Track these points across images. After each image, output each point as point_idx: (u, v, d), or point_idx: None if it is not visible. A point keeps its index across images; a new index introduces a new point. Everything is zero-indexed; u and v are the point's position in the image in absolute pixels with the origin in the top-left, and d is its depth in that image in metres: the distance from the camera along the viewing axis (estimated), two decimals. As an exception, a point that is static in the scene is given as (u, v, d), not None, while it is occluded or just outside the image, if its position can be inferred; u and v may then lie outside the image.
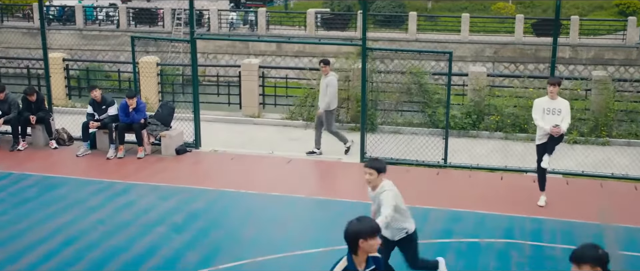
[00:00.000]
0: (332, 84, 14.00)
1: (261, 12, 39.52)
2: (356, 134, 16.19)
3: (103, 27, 41.32)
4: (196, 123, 14.54)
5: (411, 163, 13.73)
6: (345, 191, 12.38)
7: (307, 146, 15.38)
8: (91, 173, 13.20)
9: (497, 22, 41.07)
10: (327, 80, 14.02)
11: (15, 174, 13.11)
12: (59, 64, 18.77)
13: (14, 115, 14.51)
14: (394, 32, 39.89)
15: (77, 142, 14.98)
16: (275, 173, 13.21)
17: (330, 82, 14.01)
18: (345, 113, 17.03)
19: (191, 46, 14.13)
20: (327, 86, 13.95)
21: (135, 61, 14.71)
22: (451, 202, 11.66)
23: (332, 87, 14.00)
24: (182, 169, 13.48)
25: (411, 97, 16.81)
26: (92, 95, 14.15)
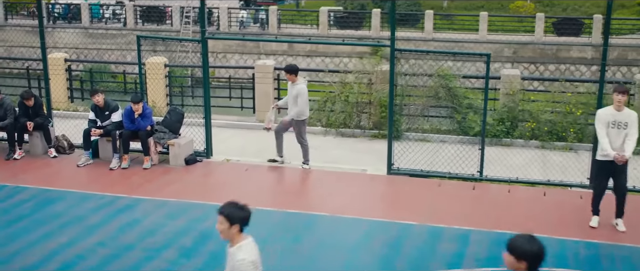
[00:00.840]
0: (302, 93, 12.54)
1: (272, 10, 38.34)
2: (379, 142, 15.05)
3: (109, 25, 40.25)
4: (207, 130, 13.36)
5: (443, 175, 12.51)
6: (371, 208, 11.16)
7: (327, 154, 14.20)
8: (92, 186, 12.03)
9: (516, 21, 39.78)
10: (297, 89, 12.51)
11: (9, 186, 11.95)
12: (61, 65, 17.61)
13: (10, 121, 13.36)
14: (410, 31, 38.62)
15: (78, 150, 13.82)
16: (295, 187, 12.02)
17: (301, 91, 12.53)
18: (367, 119, 15.82)
19: (202, 46, 12.94)
20: (297, 96, 12.50)
21: (141, 61, 13.51)
22: (493, 222, 10.42)
23: (302, 97, 12.54)
24: (192, 182, 12.29)
25: (439, 102, 15.57)
26: (94, 100, 12.97)
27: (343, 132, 15.57)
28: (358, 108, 15.73)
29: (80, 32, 39.55)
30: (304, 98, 12.55)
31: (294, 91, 12.57)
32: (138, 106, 12.70)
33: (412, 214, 10.68)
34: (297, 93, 12.49)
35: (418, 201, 11.33)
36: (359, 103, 15.69)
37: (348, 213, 10.74)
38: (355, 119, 15.76)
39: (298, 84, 12.54)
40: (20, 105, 13.47)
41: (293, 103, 12.57)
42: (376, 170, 12.93)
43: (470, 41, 36.28)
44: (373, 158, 13.93)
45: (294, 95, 12.52)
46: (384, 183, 12.28)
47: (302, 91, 12.53)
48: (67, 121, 15.17)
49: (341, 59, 37.11)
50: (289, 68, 12.69)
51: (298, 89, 12.52)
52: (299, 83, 12.57)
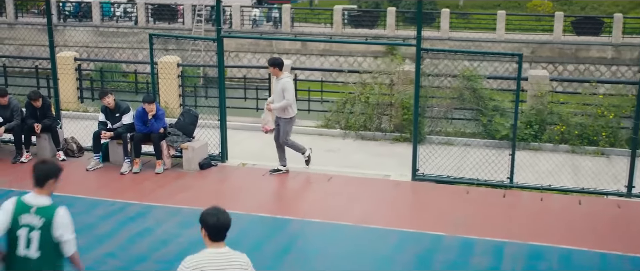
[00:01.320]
0: (287, 88, 11.68)
1: (286, 8, 37.73)
2: (401, 145, 14.43)
3: (120, 23, 39.74)
4: (223, 133, 12.75)
5: (471, 181, 11.85)
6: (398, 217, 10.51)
7: (347, 158, 13.58)
8: (102, 191, 11.44)
9: (533, 20, 39.01)
10: (282, 83, 11.66)
11: (15, 192, 11.31)
12: (70, 64, 17.04)
13: (17, 123, 12.80)
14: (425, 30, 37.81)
15: (87, 153, 13.25)
16: (315, 193, 11.39)
17: (286, 86, 11.67)
18: (388, 121, 15.16)
19: (218, 44, 12.33)
20: (282, 91, 11.69)
21: (153, 61, 12.92)
22: (527, 233, 9.76)
23: (289, 91, 11.70)
24: (207, 188, 11.68)
25: (463, 104, 14.89)
26: (105, 102, 12.37)
27: (363, 135, 14.94)
28: (379, 110, 15.08)
29: (91, 31, 39.08)
30: (290, 93, 11.73)
31: (278, 86, 11.79)
32: (151, 107, 12.11)
33: (442, 224, 10.04)
34: (283, 88, 11.68)
35: (446, 210, 10.68)
36: (380, 105, 15.04)
37: (373, 222, 10.10)
38: (376, 121, 15.12)
39: (283, 78, 11.74)
40: (28, 106, 12.91)
41: (279, 100, 11.81)
42: (400, 176, 12.28)
43: (487, 41, 35.56)
44: (396, 163, 13.29)
45: (279, 90, 11.74)
46: (409, 190, 11.63)
47: (287, 86, 11.70)
48: (76, 122, 14.60)
49: (355, 58, 36.46)
50: (272, 61, 11.84)
51: (283, 84, 11.69)
52: (284, 77, 11.78)
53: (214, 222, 5.26)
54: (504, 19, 36.10)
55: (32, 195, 6.11)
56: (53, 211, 6.13)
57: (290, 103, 11.73)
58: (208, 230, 5.26)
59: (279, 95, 11.73)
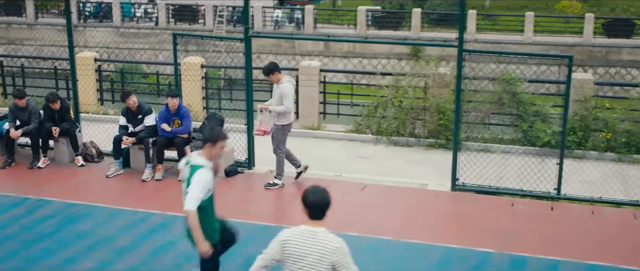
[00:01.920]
0: (286, 94, 10.87)
1: (308, 9, 37.03)
2: (436, 152, 13.68)
3: (141, 24, 39.22)
4: (250, 138, 12.06)
5: (515, 192, 11.07)
6: (440, 231, 9.75)
7: (380, 166, 12.86)
8: (123, 200, 10.79)
9: (562, 22, 38.01)
10: (281, 89, 10.88)
11: (31, 200, 10.76)
12: (90, 65, 16.44)
13: (34, 126, 12.19)
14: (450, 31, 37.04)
15: (107, 158, 12.62)
16: (349, 204, 10.65)
17: (285, 91, 10.86)
18: (422, 127, 14.40)
19: (245, 44, 11.65)
20: (280, 97, 10.92)
21: (177, 61, 12.26)
22: (581, 250, 8.99)
23: (287, 98, 10.90)
24: (234, 197, 10.99)
25: (502, 108, 14.11)
26: (128, 103, 11.73)
27: (396, 140, 14.20)
28: (412, 114, 14.33)
29: (112, 31, 38.61)
30: (289, 100, 10.93)
31: (277, 90, 10.97)
32: (175, 101, 11.46)
33: (488, 239, 9.29)
34: (281, 93, 10.88)
35: (492, 224, 9.91)
36: (414, 109, 14.29)
37: (414, 236, 9.37)
38: (409, 126, 14.37)
39: (283, 83, 10.94)
40: (46, 109, 12.30)
41: (277, 103, 11.01)
42: (438, 185, 11.54)
43: (515, 42, 34.63)
44: (432, 171, 12.55)
45: (278, 96, 10.95)
46: (450, 201, 10.87)
47: (286, 91, 10.89)
48: (96, 125, 13.99)
49: (379, 60, 35.68)
50: (267, 69, 10.96)
51: (282, 89, 10.88)
52: (284, 82, 10.97)
53: (313, 200, 5.33)
54: (533, 21, 35.17)
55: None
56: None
57: (289, 111, 10.97)
58: (308, 208, 5.34)
59: (277, 100, 10.98)
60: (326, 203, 5.31)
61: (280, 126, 11.07)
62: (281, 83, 10.94)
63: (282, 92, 10.88)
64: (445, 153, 13.69)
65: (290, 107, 10.94)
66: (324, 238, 5.24)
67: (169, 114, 11.60)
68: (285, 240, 5.30)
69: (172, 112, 11.58)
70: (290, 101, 10.93)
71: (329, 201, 5.33)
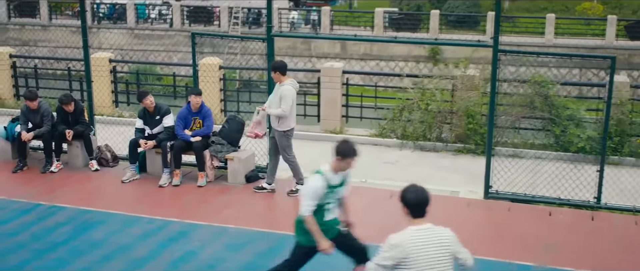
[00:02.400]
0: (286, 96, 10.14)
1: (325, 11, 36.49)
2: (465, 158, 13.09)
3: (155, 26, 38.81)
4: (271, 143, 11.51)
5: (551, 201, 10.47)
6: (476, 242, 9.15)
7: (407, 172, 12.27)
8: (139, 207, 10.27)
9: (583, 24, 37.29)
10: (281, 91, 10.21)
11: (44, 206, 10.26)
12: (105, 66, 15.96)
13: (47, 129, 11.71)
14: (469, 33, 36.47)
15: (122, 162, 12.12)
16: (378, 213, 10.08)
17: (284, 94, 10.15)
18: (449, 131, 13.82)
19: (268, 44, 11.12)
20: (280, 99, 10.25)
21: (195, 62, 11.74)
22: (629, 265, 8.39)
23: (286, 102, 10.16)
24: (255, 204, 10.45)
25: (533, 112, 13.50)
26: (145, 104, 11.23)
27: (422, 145, 13.61)
28: (439, 118, 13.75)
29: (126, 33, 38.23)
30: (288, 103, 10.20)
31: (277, 92, 10.32)
32: (198, 99, 10.96)
33: (527, 252, 8.70)
34: (281, 96, 10.22)
35: (530, 235, 9.32)
36: (441, 112, 13.71)
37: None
38: (436, 130, 13.79)
39: (284, 85, 10.27)
40: (59, 111, 11.82)
41: (276, 106, 10.36)
42: (470, 193, 10.95)
43: (535, 45, 33.92)
44: (461, 178, 11.97)
45: (276, 97, 10.31)
46: (484, 210, 10.28)
47: (286, 94, 10.19)
48: (110, 127, 13.48)
49: (397, 63, 35.09)
50: (274, 66, 10.36)
51: (282, 91, 10.21)
52: (286, 83, 10.30)
53: (413, 198, 5.39)
54: (554, 23, 34.49)
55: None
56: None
57: (286, 114, 10.27)
58: (409, 207, 5.38)
59: (277, 104, 10.36)
60: (428, 200, 5.39)
61: (281, 132, 10.46)
62: (282, 85, 10.31)
63: (281, 94, 10.25)
64: (473, 158, 13.11)
65: (286, 111, 10.24)
66: (438, 231, 5.31)
67: (190, 113, 11.10)
68: (400, 244, 5.21)
69: (194, 111, 11.08)
70: (288, 104, 10.23)
71: (429, 198, 5.42)
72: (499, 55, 10.28)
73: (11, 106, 16.40)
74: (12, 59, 17.28)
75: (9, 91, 17.12)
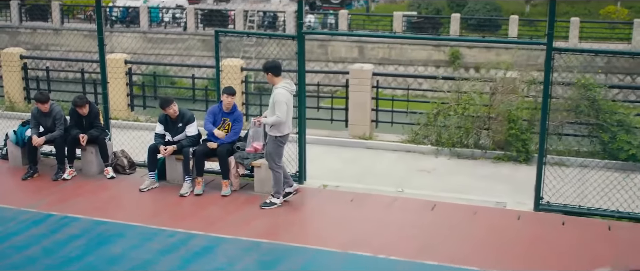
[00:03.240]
0: (279, 100, 9.36)
1: (342, 14, 35.62)
2: (506, 166, 12.20)
3: (169, 29, 38.05)
4: (301, 149, 10.67)
5: (609, 213, 9.56)
6: (535, 261, 8.27)
7: (446, 181, 11.40)
8: (159, 218, 9.43)
9: (607, 28, 36.28)
10: (274, 94, 9.46)
11: (56, 216, 9.44)
12: (120, 67, 15.15)
13: (60, 133, 10.90)
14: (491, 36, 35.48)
15: (140, 170, 11.29)
16: (423, 227, 9.21)
17: (277, 98, 9.38)
18: (488, 137, 12.91)
19: (298, 43, 10.27)
20: (273, 103, 9.47)
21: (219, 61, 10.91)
22: None
23: (280, 105, 9.36)
24: (286, 216, 9.59)
25: (578, 117, 12.59)
26: (169, 112, 10.36)
27: (459, 152, 12.71)
28: (477, 123, 12.85)
29: (139, 37, 37.47)
30: (282, 108, 9.37)
31: (272, 96, 9.53)
32: (230, 99, 10.17)
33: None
34: (274, 100, 9.42)
35: (590, 252, 8.42)
36: (480, 117, 12.82)
37: (506, 266, 7.89)
38: (474, 136, 12.89)
39: (277, 88, 9.46)
40: (72, 114, 11.01)
41: (271, 113, 9.57)
42: (517, 204, 10.04)
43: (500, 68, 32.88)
44: (505, 187, 11.06)
45: (271, 102, 9.51)
46: (536, 224, 9.36)
47: (279, 99, 9.37)
48: (126, 132, 12.67)
49: (416, 67, 34.19)
50: (266, 67, 9.58)
51: (275, 95, 9.43)
52: (279, 86, 9.47)
53: None
54: (578, 27, 33.55)
55: None
56: None
57: (282, 120, 9.43)
58: None
59: (271, 107, 9.52)
60: None
61: (273, 137, 9.59)
62: (276, 88, 9.49)
63: (274, 99, 9.43)
64: (515, 166, 12.22)
65: (282, 117, 9.38)
66: None
67: (221, 113, 10.28)
68: None
69: (225, 111, 10.25)
70: (283, 110, 9.36)
71: None
72: (553, 54, 9.39)
73: (21, 110, 15.62)
74: (23, 60, 16.48)
75: (19, 93, 16.33)
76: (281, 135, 9.63)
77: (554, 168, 10.63)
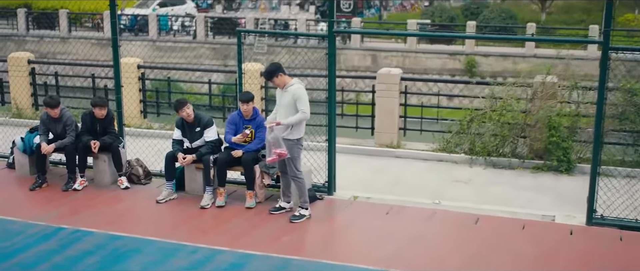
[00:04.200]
0: (303, 96, 8.67)
1: (355, 22, 34.92)
2: (546, 176, 11.44)
3: (178, 38, 37.40)
4: (331, 157, 9.89)
5: (673, 229, 8.76)
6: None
7: (485, 192, 10.63)
8: (179, 233, 8.64)
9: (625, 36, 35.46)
10: (293, 91, 8.66)
11: (67, 230, 8.66)
12: (133, 72, 14.41)
13: (70, 140, 10.13)
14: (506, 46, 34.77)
15: (156, 180, 10.52)
16: (465, 242, 8.40)
17: (301, 94, 8.66)
18: (524, 145, 12.12)
19: (329, 42, 9.53)
20: (295, 100, 8.65)
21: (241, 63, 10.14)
22: None
23: (305, 101, 8.67)
24: (317, 230, 8.80)
25: (622, 125, 11.81)
26: (183, 114, 9.61)
27: (495, 162, 11.92)
28: (515, 131, 12.07)
29: (148, 45, 36.78)
30: (306, 103, 8.66)
31: (287, 95, 8.70)
32: (247, 107, 9.34)
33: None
34: (296, 97, 8.62)
35: (660, 271, 7.61)
36: (518, 124, 12.03)
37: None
38: (511, 145, 12.10)
39: (293, 86, 8.70)
40: (85, 119, 10.25)
41: (286, 114, 8.71)
42: (567, 218, 9.22)
43: (578, 58, 32.05)
44: (550, 199, 10.29)
45: (290, 101, 8.68)
46: (592, 239, 8.53)
47: (301, 94, 8.65)
48: (139, 140, 11.88)
49: (430, 75, 33.40)
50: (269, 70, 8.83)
51: (295, 91, 8.64)
52: (294, 83, 8.73)
53: None
54: (597, 34, 32.67)
55: None
56: None
57: (307, 117, 8.72)
58: None
59: (289, 108, 8.71)
60: None
61: (294, 140, 8.82)
62: (291, 85, 8.73)
63: (296, 94, 8.65)
64: (556, 176, 11.43)
65: (307, 112, 8.69)
66: None
67: (242, 120, 9.48)
68: None
69: (246, 119, 9.48)
70: (307, 105, 8.70)
71: None
72: (609, 53, 8.62)
73: (29, 117, 14.91)
74: (31, 65, 15.76)
75: (27, 100, 15.60)
76: (301, 137, 8.90)
77: (600, 179, 9.82)
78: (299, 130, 8.89)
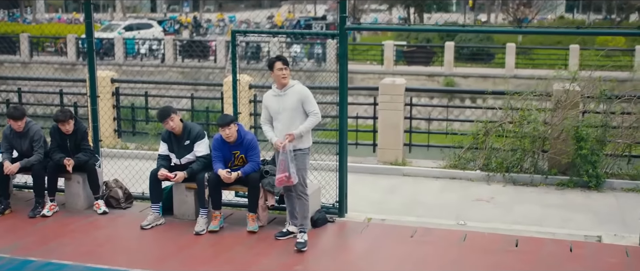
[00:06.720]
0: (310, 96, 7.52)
1: (331, 44, 33.82)
2: (573, 192, 10.36)
3: (145, 62, 35.97)
4: (342, 175, 8.63)
5: None
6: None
7: (511, 212, 9.47)
8: (171, 264, 7.27)
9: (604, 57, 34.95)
10: (299, 91, 7.50)
11: (36, 263, 7.23)
12: (107, 87, 13.04)
13: (38, 158, 8.71)
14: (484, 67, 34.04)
15: (138, 203, 9.14)
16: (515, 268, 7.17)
17: (307, 93, 7.52)
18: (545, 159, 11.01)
19: (340, 41, 8.32)
20: (302, 102, 7.49)
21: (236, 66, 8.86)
22: None
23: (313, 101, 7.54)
24: (338, 259, 7.48)
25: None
26: (168, 126, 8.25)
27: (514, 178, 10.77)
28: (536, 144, 10.96)
29: (113, 68, 35.29)
30: (314, 103, 7.50)
31: (289, 98, 7.48)
32: (229, 131, 7.98)
33: None
34: (301, 97, 7.44)
35: None
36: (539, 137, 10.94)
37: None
38: (531, 159, 10.98)
39: (296, 85, 7.53)
40: (54, 134, 8.84)
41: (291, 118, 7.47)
42: (615, 238, 8.07)
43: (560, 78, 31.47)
44: (588, 218, 9.18)
45: (291, 105, 7.47)
46: None
47: (308, 93, 7.50)
48: (114, 162, 10.42)
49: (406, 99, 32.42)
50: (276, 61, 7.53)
51: (301, 92, 7.48)
52: (297, 83, 7.55)
53: None
54: (578, 55, 32.16)
55: None
56: None
57: (320, 119, 7.51)
58: None
59: (294, 111, 7.46)
60: None
61: (306, 150, 7.61)
62: (291, 86, 7.51)
63: (302, 94, 7.45)
64: (585, 193, 10.33)
65: (319, 113, 7.48)
66: None
67: (227, 146, 8.11)
68: None
69: (231, 145, 8.10)
70: (317, 105, 7.52)
71: None
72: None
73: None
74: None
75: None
76: (309, 146, 7.68)
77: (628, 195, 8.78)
78: (309, 137, 7.66)
